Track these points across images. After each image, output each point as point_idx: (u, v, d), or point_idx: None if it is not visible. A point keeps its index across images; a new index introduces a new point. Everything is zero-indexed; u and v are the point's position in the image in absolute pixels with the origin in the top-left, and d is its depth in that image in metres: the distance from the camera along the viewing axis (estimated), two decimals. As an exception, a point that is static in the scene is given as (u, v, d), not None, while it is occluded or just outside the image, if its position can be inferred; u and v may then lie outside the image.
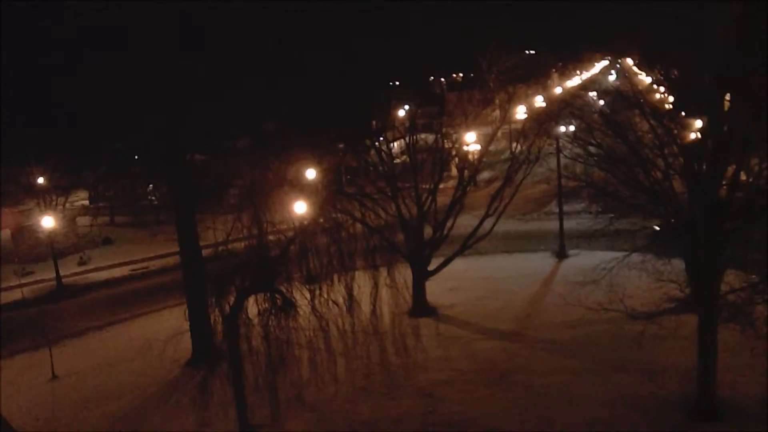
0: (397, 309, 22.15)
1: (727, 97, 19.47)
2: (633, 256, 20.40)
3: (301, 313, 18.66)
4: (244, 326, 17.86)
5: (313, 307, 18.30)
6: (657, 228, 20.53)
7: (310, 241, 20.97)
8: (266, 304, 17.57)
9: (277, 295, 17.57)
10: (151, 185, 46.97)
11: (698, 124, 27.60)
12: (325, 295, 19.14)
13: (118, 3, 23.77)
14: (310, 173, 35.54)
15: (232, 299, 17.79)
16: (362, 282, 20.77)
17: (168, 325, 24.78)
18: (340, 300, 19.62)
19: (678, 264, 19.71)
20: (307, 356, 18.95)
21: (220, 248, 20.39)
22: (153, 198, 49.17)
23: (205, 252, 25.25)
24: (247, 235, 18.89)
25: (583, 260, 27.87)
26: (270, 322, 17.43)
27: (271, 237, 19.77)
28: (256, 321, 17.88)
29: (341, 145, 47.07)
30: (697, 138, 20.52)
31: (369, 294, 20.65)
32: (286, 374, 18.54)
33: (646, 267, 20.20)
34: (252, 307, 17.97)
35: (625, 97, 23.63)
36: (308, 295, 18.85)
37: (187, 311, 23.29)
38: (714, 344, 18.21)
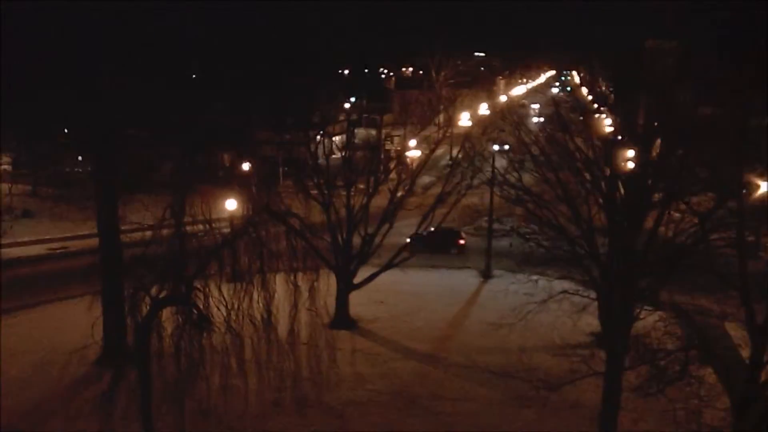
0: (317, 320, 22.02)
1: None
2: (556, 283, 20.85)
3: (218, 320, 18.39)
4: (157, 338, 17.45)
5: (229, 325, 17.98)
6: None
7: (239, 239, 20.71)
8: (181, 319, 17.19)
9: (193, 309, 17.21)
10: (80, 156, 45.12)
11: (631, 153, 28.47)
12: (244, 303, 18.92)
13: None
14: (245, 164, 35.07)
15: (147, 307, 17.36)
16: (284, 287, 20.60)
17: (81, 316, 23.74)
18: (260, 305, 19.37)
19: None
20: (220, 368, 18.66)
21: (143, 235, 19.78)
22: (80, 170, 47.27)
23: (130, 236, 24.25)
24: (167, 232, 18.46)
25: (505, 282, 28.26)
26: (183, 337, 17.07)
27: (197, 231, 19.42)
28: (170, 332, 17.51)
29: (284, 136, 46.51)
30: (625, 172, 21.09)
31: (290, 302, 20.49)
32: (197, 386, 18.21)
33: (569, 296, 20.50)
34: (168, 317, 17.56)
35: (559, 118, 24.00)
36: (226, 305, 18.58)
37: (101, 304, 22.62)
38: (618, 384, 18.77)
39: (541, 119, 47.81)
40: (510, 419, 20.17)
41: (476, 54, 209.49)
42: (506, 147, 34.85)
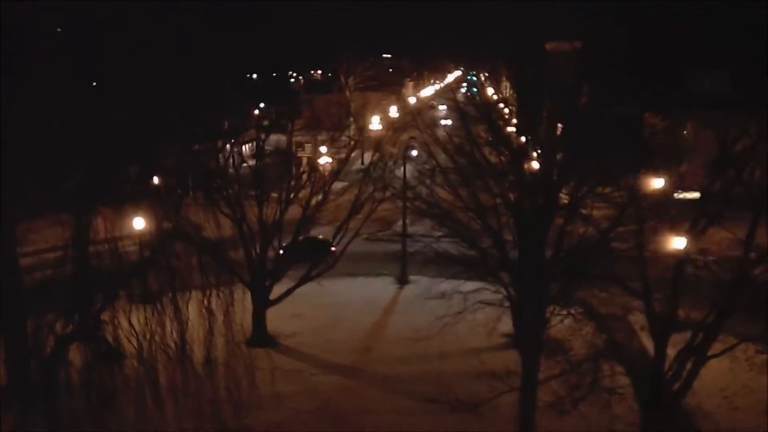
0: (234, 338, 21.57)
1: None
2: (470, 287, 21.20)
3: (130, 350, 17.74)
4: (64, 373, 16.65)
5: (141, 355, 17.35)
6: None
7: (149, 255, 19.96)
8: (89, 353, 16.47)
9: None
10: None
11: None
12: (156, 329, 18.35)
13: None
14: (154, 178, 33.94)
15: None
16: (198, 307, 20.10)
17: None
18: (173, 330, 18.81)
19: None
20: (134, 399, 18.01)
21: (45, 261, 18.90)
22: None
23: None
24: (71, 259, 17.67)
25: (423, 287, 28.49)
26: (92, 371, 16.37)
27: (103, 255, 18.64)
28: (78, 366, 16.76)
29: (192, 147, 45.20)
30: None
31: (204, 323, 20.00)
32: (109, 420, 17.48)
33: (484, 297, 20.85)
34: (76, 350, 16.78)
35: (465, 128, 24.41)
36: (136, 334, 17.96)
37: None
38: (533, 384, 19.25)
39: (449, 122, 48.75)
40: (435, 426, 20.33)
41: (384, 55, 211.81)
42: (414, 153, 35.07)
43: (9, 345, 22.08)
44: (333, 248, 31.81)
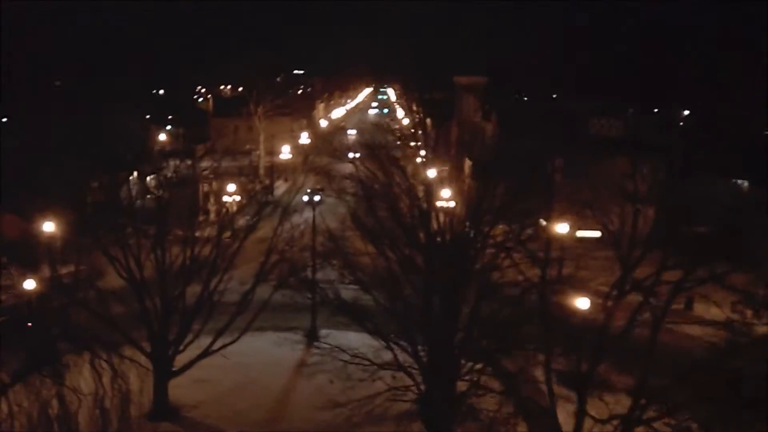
0: (134, 411, 20.20)
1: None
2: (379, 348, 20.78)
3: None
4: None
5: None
6: None
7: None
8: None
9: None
10: None
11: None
12: (39, 406, 16.95)
13: None
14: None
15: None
16: (92, 378, 18.70)
17: None
18: (59, 406, 17.43)
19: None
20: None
21: None
22: None
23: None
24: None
25: (333, 341, 27.15)
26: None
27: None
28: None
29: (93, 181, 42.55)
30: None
31: (98, 396, 18.60)
32: None
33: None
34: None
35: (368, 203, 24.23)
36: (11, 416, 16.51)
37: None
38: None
39: (356, 156, 48.71)
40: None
41: (295, 72, 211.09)
42: (317, 197, 34.01)
43: None
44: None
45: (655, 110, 65.48)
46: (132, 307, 23.76)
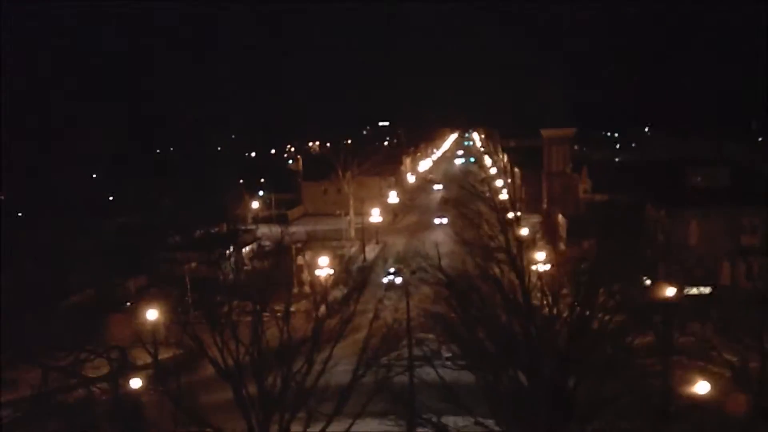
0: None
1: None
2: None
3: None
4: None
5: None
6: None
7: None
8: None
9: None
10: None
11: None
12: None
13: None
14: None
15: None
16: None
17: None
18: None
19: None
20: None
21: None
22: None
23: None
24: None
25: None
26: None
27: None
28: None
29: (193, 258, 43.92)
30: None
31: None
32: None
33: None
34: None
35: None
36: None
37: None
38: None
39: (444, 221, 47.61)
40: None
41: (381, 124, 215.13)
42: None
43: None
44: None
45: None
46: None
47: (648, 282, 29.42)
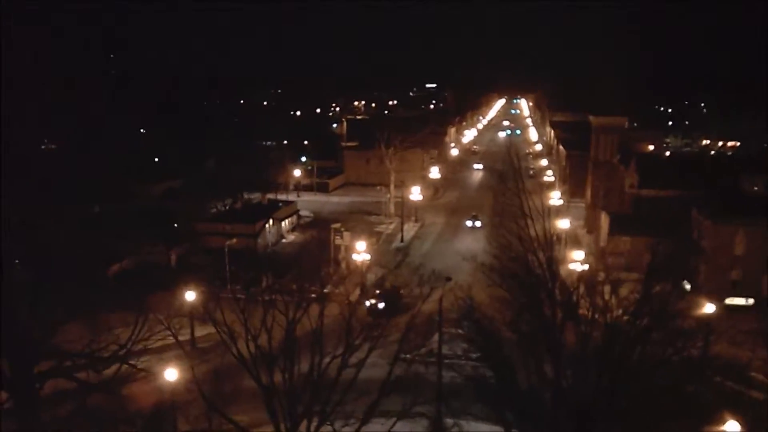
0: None
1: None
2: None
3: None
4: None
5: None
6: None
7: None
8: None
9: None
10: None
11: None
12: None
13: None
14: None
15: None
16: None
17: None
18: None
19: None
20: None
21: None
22: None
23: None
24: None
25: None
26: None
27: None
28: None
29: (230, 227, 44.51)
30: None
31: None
32: None
33: None
34: None
35: None
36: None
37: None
38: None
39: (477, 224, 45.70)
40: None
41: (428, 86, 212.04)
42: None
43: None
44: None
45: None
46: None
47: (688, 287, 28.75)
